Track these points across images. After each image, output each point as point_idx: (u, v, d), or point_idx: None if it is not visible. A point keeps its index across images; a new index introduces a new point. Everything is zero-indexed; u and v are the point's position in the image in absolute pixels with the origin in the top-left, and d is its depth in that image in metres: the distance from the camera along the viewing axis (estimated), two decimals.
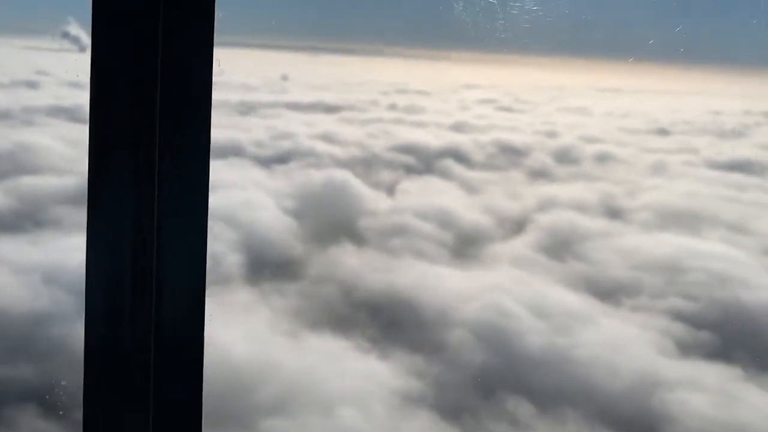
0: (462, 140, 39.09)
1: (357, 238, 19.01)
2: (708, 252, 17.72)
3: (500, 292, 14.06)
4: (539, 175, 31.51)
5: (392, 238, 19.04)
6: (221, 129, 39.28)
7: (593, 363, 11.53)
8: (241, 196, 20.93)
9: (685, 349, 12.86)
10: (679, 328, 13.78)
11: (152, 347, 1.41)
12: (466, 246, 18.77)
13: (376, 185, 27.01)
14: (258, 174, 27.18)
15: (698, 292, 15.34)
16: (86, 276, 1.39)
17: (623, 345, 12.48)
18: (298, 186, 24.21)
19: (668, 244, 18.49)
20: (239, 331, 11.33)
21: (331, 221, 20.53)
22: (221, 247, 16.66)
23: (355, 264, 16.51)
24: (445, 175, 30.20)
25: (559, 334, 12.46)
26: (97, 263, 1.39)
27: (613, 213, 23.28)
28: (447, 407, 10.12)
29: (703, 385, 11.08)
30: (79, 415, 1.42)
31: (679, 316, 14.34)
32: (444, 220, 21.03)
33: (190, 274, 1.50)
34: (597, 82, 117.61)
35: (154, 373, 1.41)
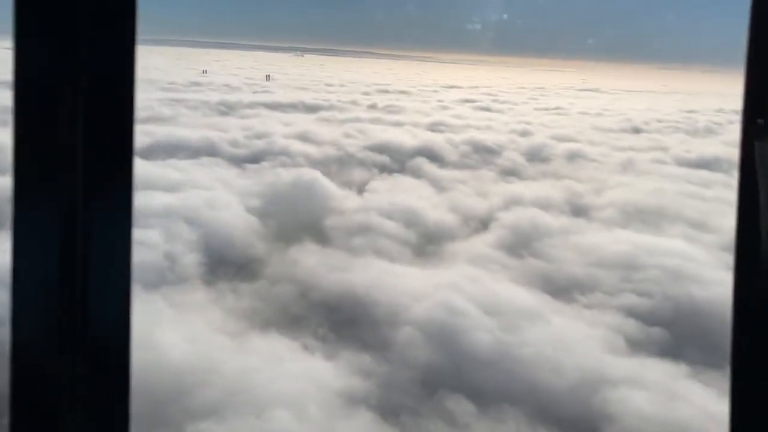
0: (437, 139, 39.23)
1: (321, 236, 19.01)
2: (666, 249, 17.88)
3: (453, 291, 14.11)
4: (509, 173, 31.68)
5: (356, 236, 19.05)
6: (196, 129, 39.30)
7: (539, 361, 11.59)
8: (205, 196, 20.85)
9: (635, 346, 12.96)
10: (631, 325, 13.90)
11: (80, 353, 1.40)
12: (428, 244, 18.83)
13: (347, 184, 27.03)
14: (228, 173, 27.08)
15: (653, 289, 15.48)
16: (12, 282, 1.37)
17: (572, 343, 12.56)
18: (266, 185, 24.13)
19: (627, 241, 18.64)
20: (183, 332, 11.28)
21: (296, 220, 20.50)
22: (180, 246, 16.61)
23: (314, 263, 16.49)
24: (417, 174, 30.29)
25: (508, 332, 12.52)
26: (24, 270, 1.37)
27: (578, 210, 23.46)
28: (387, 407, 10.13)
29: (647, 383, 11.17)
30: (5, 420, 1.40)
31: (632, 312, 14.46)
32: (409, 218, 21.08)
33: (117, 281, 1.45)
34: (579, 83, 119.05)
35: (82, 381, 1.40)
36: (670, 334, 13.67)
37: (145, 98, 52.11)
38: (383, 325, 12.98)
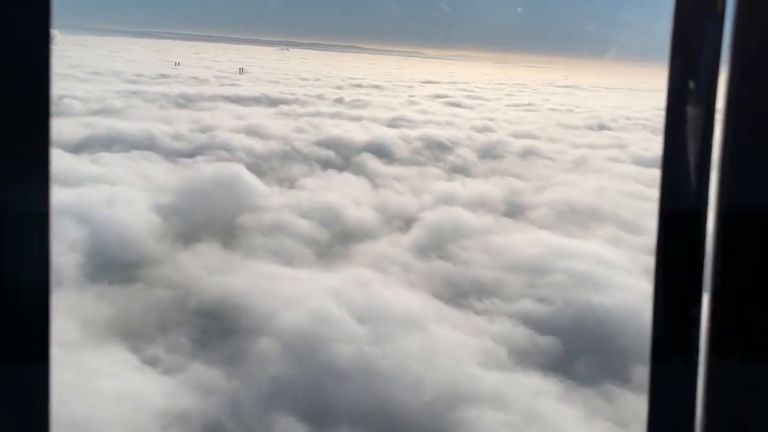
0: (390, 135, 38.24)
1: (224, 236, 18.01)
2: (581, 252, 16.99)
3: (334, 297, 13.16)
4: (457, 170, 30.77)
5: (261, 237, 18.10)
6: (144, 122, 38.23)
7: (399, 376, 10.66)
8: (108, 192, 19.77)
9: (517, 358, 12.07)
10: (520, 335, 13.01)
11: None
12: (336, 245, 17.88)
13: (279, 180, 26.07)
14: (155, 168, 26.00)
15: (554, 295, 14.59)
16: None
17: (444, 354, 11.64)
18: (185, 181, 23.10)
19: (545, 243, 17.73)
20: None
21: (204, 218, 19.48)
22: (60, 246, 15.57)
23: (203, 265, 15.52)
24: (359, 170, 29.32)
25: (377, 342, 11.58)
26: None
27: (510, 210, 22.55)
28: (212, 428, 9.19)
29: (509, 402, 10.26)
30: None
31: (526, 320, 13.57)
32: (327, 217, 20.14)
33: (34, 277, 1.42)
34: (560, 80, 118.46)
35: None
36: (562, 344, 12.78)
37: (102, 90, 51.04)
38: (248, 335, 12.02)
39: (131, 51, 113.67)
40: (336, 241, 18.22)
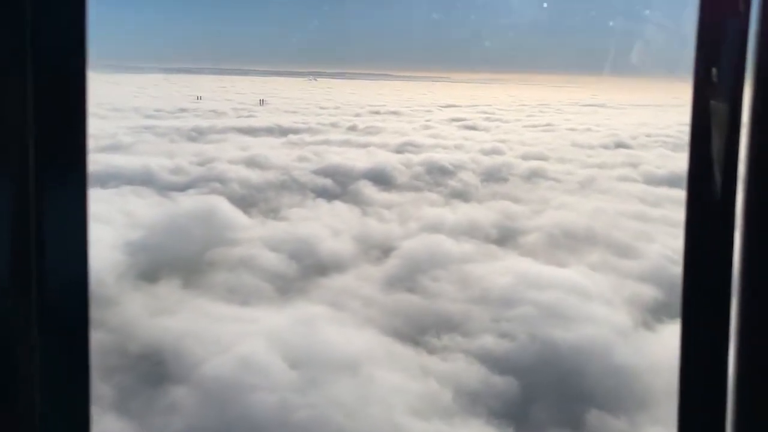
0: (394, 161, 37.41)
1: (188, 273, 17.25)
2: (558, 281, 15.73)
3: (272, 339, 12.20)
4: (455, 195, 29.69)
5: (225, 272, 17.32)
6: (145, 156, 38.21)
7: (318, 428, 9.64)
8: None
9: (463, 403, 10.91)
10: (473, 374, 11.85)
11: (37, 342, 1.42)
12: (299, 280, 16.95)
13: (265, 212, 25.36)
14: (141, 203, 25.59)
15: (519, 329, 13.40)
16: None
17: (378, 401, 10.55)
18: (164, 215, 22.56)
19: (521, 272, 16.52)
20: None
21: (172, 255, 18.77)
22: None
23: (153, 306, 14.76)
24: (352, 198, 28.48)
25: (304, 390, 10.57)
26: None
27: (500, 236, 21.37)
28: None
29: None
30: None
31: (483, 357, 12.41)
32: (301, 250, 19.28)
33: (73, 265, 1.46)
34: (587, 98, 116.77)
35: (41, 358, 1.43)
36: (519, 385, 11.59)
37: (116, 126, 51.44)
38: (169, 383, 11.14)
39: (159, 87, 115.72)
40: (302, 275, 17.31)
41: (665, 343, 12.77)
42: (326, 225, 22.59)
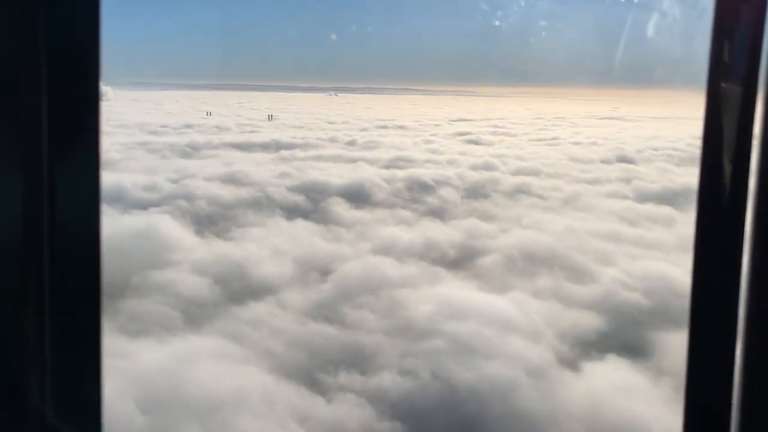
0: (377, 176, 36.16)
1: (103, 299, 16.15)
2: (486, 310, 14.20)
3: (133, 378, 10.96)
4: (429, 213, 28.27)
5: (138, 298, 16.17)
6: (125, 173, 37.48)
7: None
8: None
9: None
10: (356, 419, 10.46)
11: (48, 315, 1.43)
12: (214, 308, 15.71)
13: (219, 232, 24.23)
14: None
15: (424, 366, 11.94)
16: None
17: None
18: (104, 235, 21.53)
19: (448, 299, 15.06)
20: None
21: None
22: None
23: None
24: (319, 216, 27.22)
25: None
26: None
27: (455, 257, 19.91)
28: None
29: None
30: None
31: (375, 399, 11.00)
32: (232, 273, 18.07)
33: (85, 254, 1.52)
34: (606, 112, 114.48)
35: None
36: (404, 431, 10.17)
37: (111, 142, 51.08)
38: None
39: (175, 103, 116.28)
40: (219, 302, 16.07)
41: (582, 385, 11.25)
42: (273, 246, 21.35)
